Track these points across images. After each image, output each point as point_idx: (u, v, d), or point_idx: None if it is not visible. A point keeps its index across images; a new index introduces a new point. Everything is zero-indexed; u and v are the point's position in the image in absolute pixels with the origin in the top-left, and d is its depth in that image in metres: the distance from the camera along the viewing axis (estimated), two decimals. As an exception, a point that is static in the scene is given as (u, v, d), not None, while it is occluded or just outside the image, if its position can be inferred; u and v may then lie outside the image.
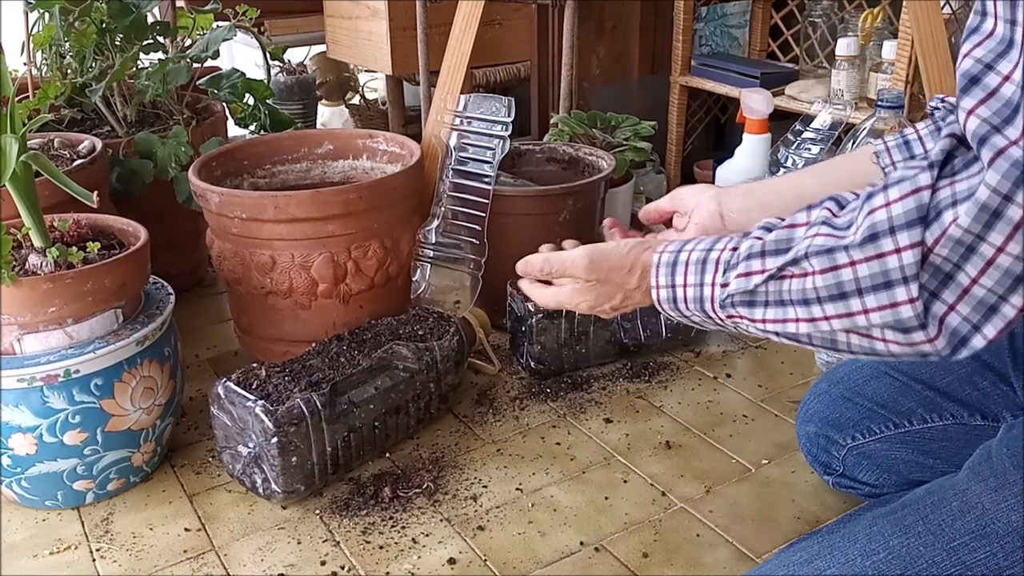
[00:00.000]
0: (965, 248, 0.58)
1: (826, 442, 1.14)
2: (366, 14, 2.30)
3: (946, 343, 0.62)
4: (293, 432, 1.17)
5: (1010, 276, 0.57)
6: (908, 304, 0.61)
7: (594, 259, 0.88)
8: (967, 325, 0.60)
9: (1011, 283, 0.57)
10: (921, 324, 0.61)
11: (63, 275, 1.14)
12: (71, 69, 1.73)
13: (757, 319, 0.72)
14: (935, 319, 0.61)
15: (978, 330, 0.60)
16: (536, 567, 1.11)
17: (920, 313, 0.61)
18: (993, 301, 0.59)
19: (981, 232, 0.57)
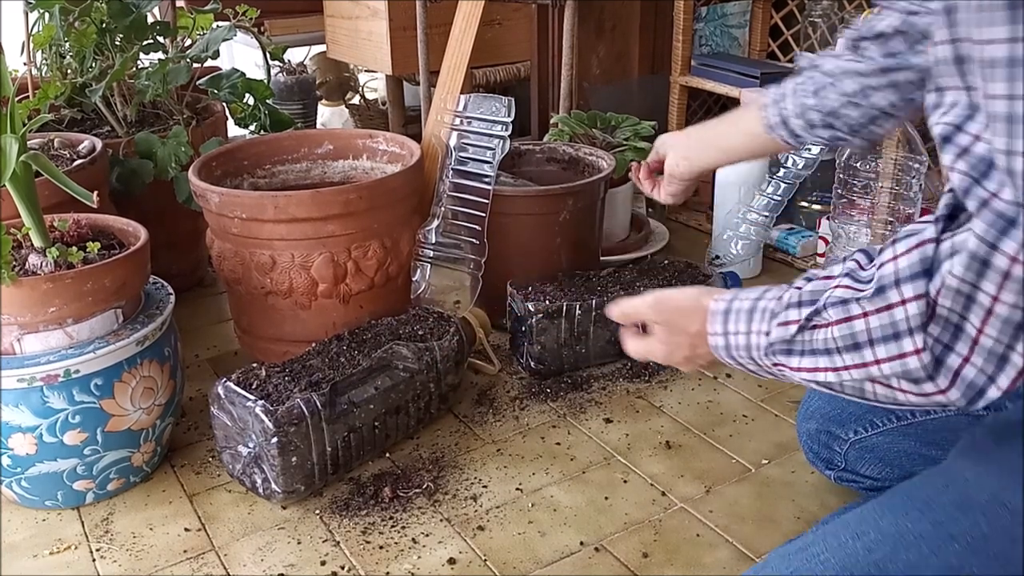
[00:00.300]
0: (964, 298, 0.59)
1: (827, 438, 1.14)
2: (366, 14, 2.30)
3: (961, 394, 0.62)
4: (293, 432, 1.17)
5: (1010, 324, 0.58)
6: (915, 355, 0.63)
7: (660, 299, 0.91)
8: (983, 376, 0.61)
9: (1012, 331, 0.58)
10: (929, 376, 0.63)
11: (63, 275, 1.14)
12: (71, 69, 1.74)
13: (794, 367, 0.75)
14: (949, 371, 0.62)
15: (993, 381, 0.61)
16: (536, 567, 1.11)
17: (928, 364, 0.62)
18: (1001, 351, 0.59)
19: (975, 281, 0.58)
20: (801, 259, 1.90)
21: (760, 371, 0.82)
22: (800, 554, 0.73)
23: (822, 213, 1.86)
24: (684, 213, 2.18)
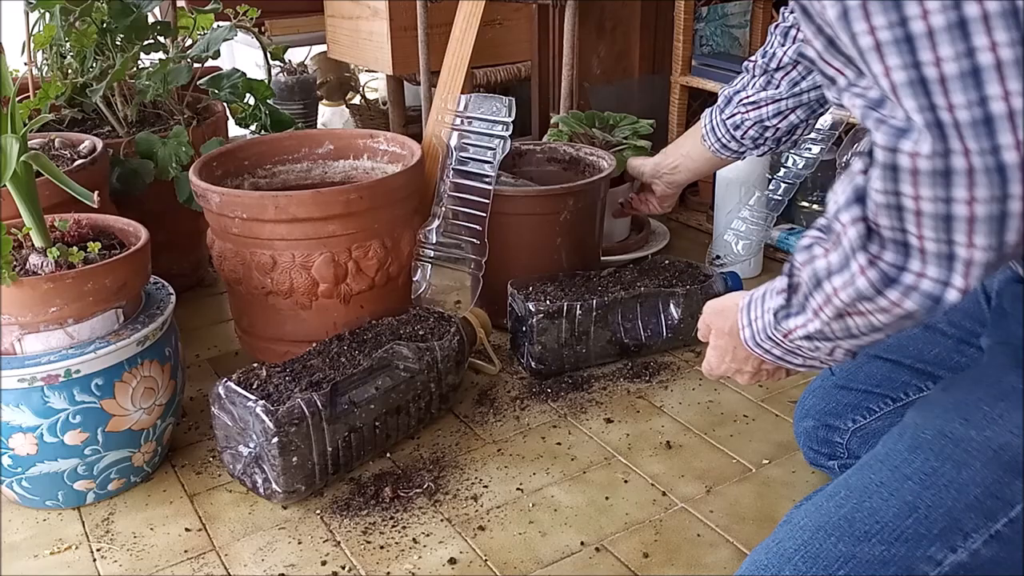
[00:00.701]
0: (895, 210, 0.62)
1: (826, 431, 1.14)
2: (367, 14, 2.30)
3: (918, 305, 0.65)
4: (294, 432, 1.17)
5: (940, 219, 0.60)
6: (861, 274, 0.66)
7: (707, 305, 0.97)
8: (937, 285, 0.64)
9: (945, 225, 0.60)
10: (878, 291, 0.66)
11: (64, 275, 1.14)
12: (72, 69, 1.73)
13: (793, 329, 0.77)
14: (903, 286, 0.65)
15: (947, 285, 0.63)
16: (537, 567, 1.11)
17: (875, 280, 0.66)
18: (946, 250, 0.62)
19: (894, 188, 0.61)
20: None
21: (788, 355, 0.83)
22: (784, 526, 0.77)
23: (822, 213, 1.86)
24: (684, 213, 2.18)
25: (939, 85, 0.57)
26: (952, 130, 0.57)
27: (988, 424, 0.70)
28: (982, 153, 0.57)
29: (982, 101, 0.56)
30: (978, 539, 0.69)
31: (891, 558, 0.70)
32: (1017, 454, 0.68)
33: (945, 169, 0.58)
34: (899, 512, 0.71)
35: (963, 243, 0.61)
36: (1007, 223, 0.59)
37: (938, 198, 0.60)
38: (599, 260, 1.73)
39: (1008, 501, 0.68)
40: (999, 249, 0.60)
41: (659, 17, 2.23)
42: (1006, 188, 0.57)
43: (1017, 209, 0.58)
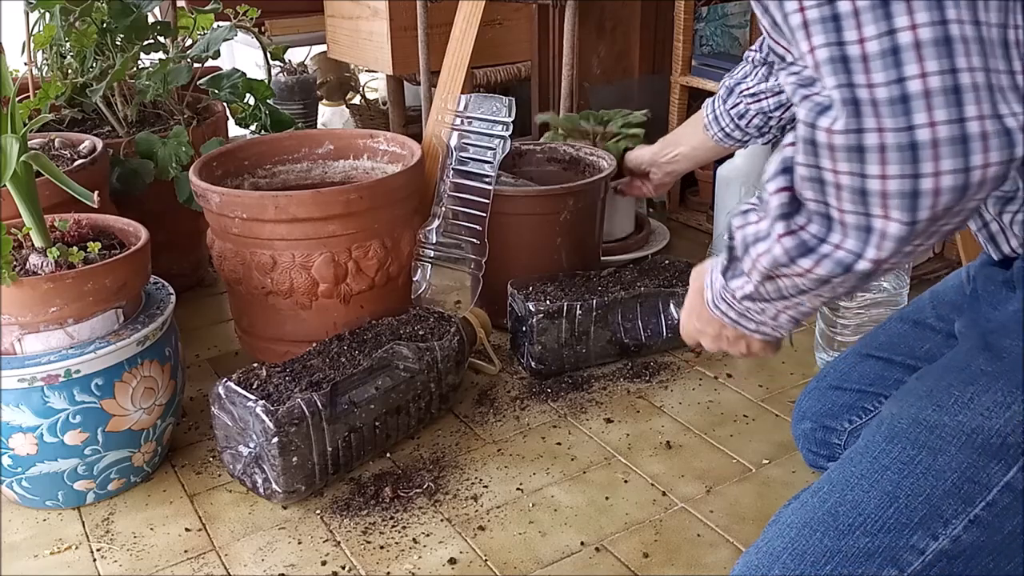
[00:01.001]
0: (816, 182, 0.64)
1: (824, 433, 1.14)
2: (367, 14, 2.30)
3: (828, 271, 0.68)
4: (294, 432, 1.17)
5: (856, 192, 0.62)
6: (777, 241, 0.69)
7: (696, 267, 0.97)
8: (850, 255, 0.65)
9: (861, 198, 0.62)
10: (792, 259, 0.68)
11: (64, 275, 1.14)
12: (72, 69, 1.74)
13: (735, 289, 0.79)
14: (823, 257, 0.67)
15: (860, 256, 0.65)
16: (537, 567, 1.11)
17: (789, 248, 0.68)
18: (864, 223, 0.63)
19: (815, 162, 0.63)
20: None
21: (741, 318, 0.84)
22: (773, 525, 0.78)
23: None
24: (685, 213, 2.18)
25: (861, 63, 0.58)
26: (868, 108, 0.59)
27: (960, 409, 0.71)
28: (897, 131, 0.58)
29: (900, 80, 0.57)
30: (958, 524, 0.70)
31: (875, 549, 0.71)
32: (989, 436, 0.69)
33: (859, 145, 0.60)
34: (880, 503, 0.72)
35: (879, 215, 0.62)
36: (919, 200, 0.60)
37: (854, 172, 0.61)
38: (599, 260, 1.73)
39: (984, 484, 0.69)
40: (912, 225, 0.61)
41: (659, 17, 2.23)
42: (918, 166, 0.59)
43: (929, 186, 0.59)
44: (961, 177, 0.58)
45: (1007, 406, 0.68)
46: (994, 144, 0.58)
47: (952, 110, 0.57)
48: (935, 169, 0.58)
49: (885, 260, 0.65)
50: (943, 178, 0.59)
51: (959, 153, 0.58)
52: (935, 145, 0.58)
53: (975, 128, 0.58)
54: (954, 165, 0.58)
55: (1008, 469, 0.68)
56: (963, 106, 0.57)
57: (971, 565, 0.69)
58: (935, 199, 0.59)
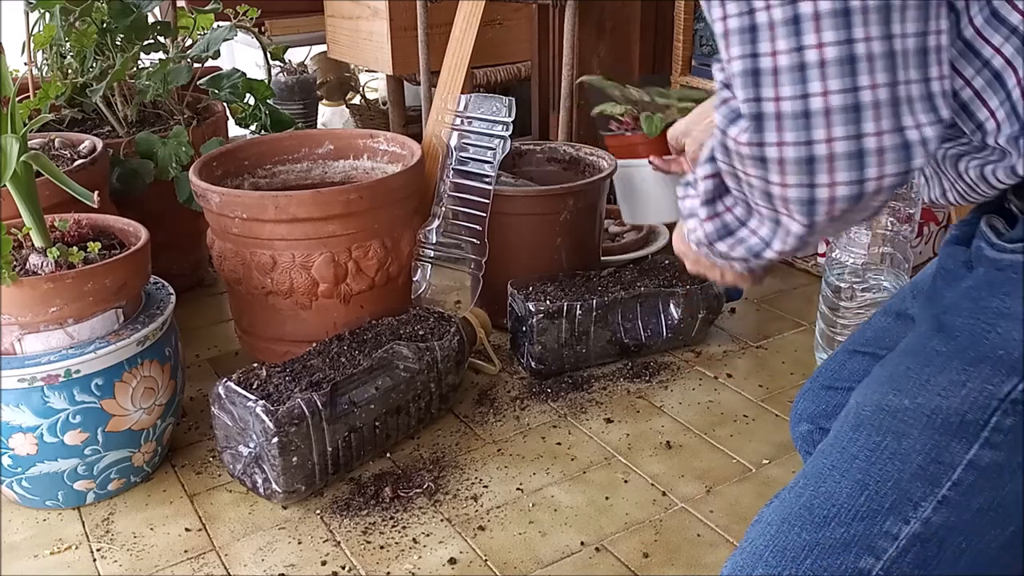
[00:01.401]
0: (732, 176, 0.68)
1: (821, 435, 1.14)
2: (367, 14, 2.30)
3: (741, 256, 0.73)
4: (294, 432, 1.17)
5: (763, 193, 0.66)
6: (701, 225, 0.74)
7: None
8: (761, 243, 0.71)
9: (767, 199, 0.66)
10: (711, 241, 0.74)
11: (64, 275, 1.13)
12: (72, 69, 1.74)
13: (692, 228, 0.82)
14: (736, 239, 0.72)
15: (768, 246, 0.70)
16: (537, 567, 1.11)
17: (711, 232, 0.73)
18: (774, 216, 0.68)
19: (729, 160, 0.67)
20: (801, 259, 1.90)
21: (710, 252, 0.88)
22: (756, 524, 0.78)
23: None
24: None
25: (771, 77, 0.61)
26: (772, 122, 0.62)
27: (919, 391, 0.72)
28: (796, 145, 0.62)
29: (804, 96, 0.60)
30: (927, 507, 0.70)
31: (851, 539, 0.71)
32: (948, 416, 0.69)
33: (762, 156, 0.63)
34: (851, 491, 0.72)
35: (784, 214, 0.66)
36: (816, 207, 0.64)
37: (760, 177, 0.65)
38: (599, 260, 1.73)
39: (949, 464, 0.69)
40: (811, 226, 0.66)
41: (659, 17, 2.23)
42: (814, 178, 0.62)
43: (824, 195, 0.63)
44: (855, 188, 0.62)
45: (962, 384, 0.69)
46: (890, 158, 0.61)
47: (850, 127, 0.61)
48: (830, 180, 0.62)
49: (788, 252, 0.70)
50: (838, 188, 0.63)
51: (854, 167, 0.62)
52: (831, 159, 0.61)
53: (872, 144, 0.61)
54: (849, 177, 0.62)
55: (969, 447, 0.69)
56: (861, 123, 0.61)
57: (944, 546, 0.70)
58: (831, 206, 0.64)
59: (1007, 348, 0.67)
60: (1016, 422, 0.66)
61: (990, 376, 0.67)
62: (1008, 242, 0.70)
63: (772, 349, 1.60)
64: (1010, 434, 0.67)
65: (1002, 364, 0.67)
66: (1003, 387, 0.66)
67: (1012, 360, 0.66)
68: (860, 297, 1.46)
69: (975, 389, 0.68)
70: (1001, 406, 0.67)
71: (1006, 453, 0.67)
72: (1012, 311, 0.67)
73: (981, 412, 0.67)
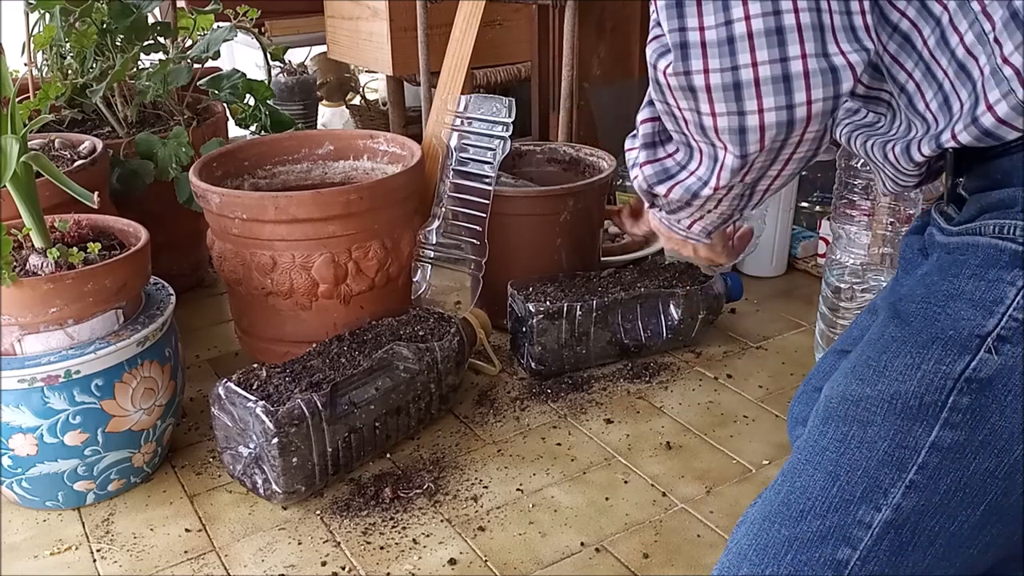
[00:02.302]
0: (669, 116, 0.70)
1: None
2: (367, 15, 2.30)
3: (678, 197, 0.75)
4: (294, 433, 1.17)
5: (697, 126, 0.67)
6: (640, 170, 0.76)
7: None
8: (699, 182, 0.73)
9: (701, 132, 0.67)
10: (650, 185, 0.76)
11: (64, 276, 1.14)
12: (72, 70, 1.74)
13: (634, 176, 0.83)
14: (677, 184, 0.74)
15: (706, 184, 0.72)
16: (537, 567, 1.11)
17: (649, 176, 0.76)
18: (711, 152, 0.69)
19: (663, 98, 0.68)
20: (802, 259, 1.90)
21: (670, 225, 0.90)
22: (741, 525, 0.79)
23: (822, 214, 1.86)
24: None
25: (694, 6, 0.62)
26: (696, 50, 0.62)
27: (878, 378, 0.72)
28: (721, 71, 0.62)
29: (727, 23, 0.61)
30: (896, 492, 0.70)
31: (827, 531, 0.71)
32: (908, 400, 0.69)
33: (689, 85, 0.64)
34: (824, 483, 0.73)
35: (720, 146, 0.67)
36: (746, 135, 0.64)
37: (691, 109, 0.65)
38: (599, 261, 1.73)
39: (913, 448, 0.69)
40: (744, 157, 0.66)
41: (659, 18, 2.22)
42: (742, 104, 0.62)
43: (754, 123, 0.63)
44: (784, 113, 0.62)
45: (917, 367, 0.69)
46: (817, 82, 0.61)
47: (774, 50, 0.61)
48: (758, 107, 0.62)
49: (724, 188, 0.71)
50: (767, 115, 0.62)
51: (781, 91, 0.62)
52: (757, 84, 0.61)
53: (797, 67, 0.61)
54: (776, 103, 0.62)
55: (931, 429, 0.69)
56: (786, 46, 0.60)
57: (918, 531, 0.70)
58: (761, 134, 0.64)
59: (957, 328, 0.67)
60: (973, 400, 0.67)
61: (942, 356, 0.67)
62: (956, 226, 0.71)
63: (772, 349, 1.60)
64: (968, 413, 0.67)
65: (953, 343, 0.67)
66: (956, 366, 0.67)
67: (962, 339, 0.67)
68: (860, 298, 1.46)
69: (930, 371, 0.68)
70: (956, 385, 0.67)
71: (967, 432, 0.67)
72: (960, 291, 0.68)
73: (938, 393, 0.68)
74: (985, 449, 0.67)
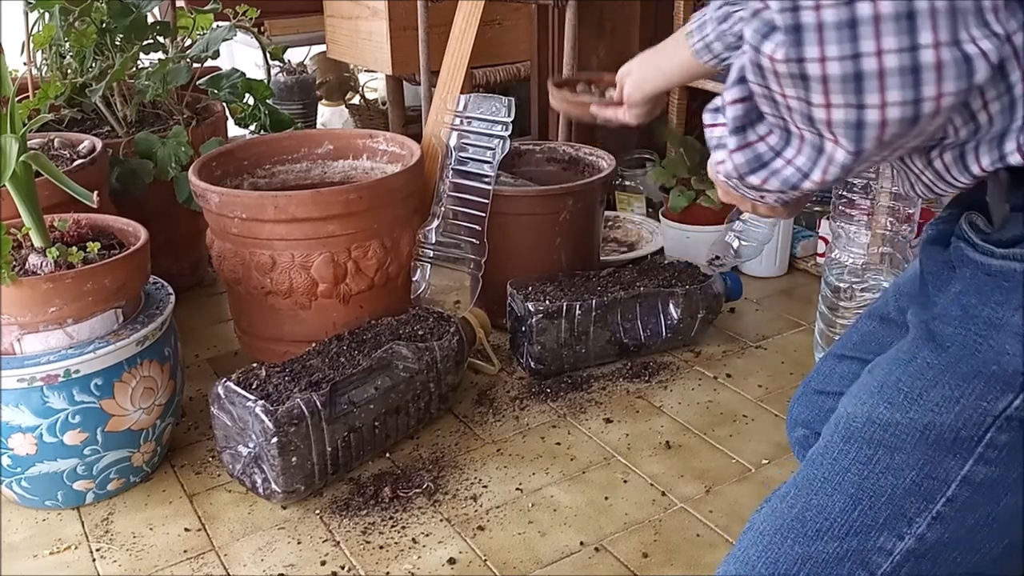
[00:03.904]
0: (768, 99, 0.62)
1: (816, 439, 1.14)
2: (366, 14, 2.30)
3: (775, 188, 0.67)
4: (293, 432, 1.17)
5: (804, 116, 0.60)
6: (730, 157, 0.68)
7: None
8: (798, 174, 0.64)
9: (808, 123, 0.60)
10: (742, 175, 0.68)
11: (63, 275, 1.13)
12: (71, 69, 1.74)
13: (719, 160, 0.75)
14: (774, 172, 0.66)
15: (807, 176, 0.64)
16: (536, 567, 1.11)
17: (740, 164, 0.67)
18: (817, 142, 0.61)
19: (763, 83, 0.61)
20: (801, 259, 1.90)
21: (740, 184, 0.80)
22: (748, 532, 0.77)
23: (822, 213, 1.86)
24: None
25: None
26: (812, 34, 0.54)
27: (910, 405, 0.70)
28: (841, 59, 0.55)
29: (849, 2, 0.53)
30: (921, 523, 0.69)
31: (845, 554, 0.70)
32: (942, 432, 0.68)
33: (801, 74, 0.56)
34: (845, 506, 0.71)
35: (829, 139, 0.60)
36: (865, 131, 0.57)
37: (800, 98, 0.58)
38: (598, 260, 1.73)
39: (943, 480, 0.68)
40: (858, 154, 0.59)
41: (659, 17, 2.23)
42: (863, 97, 0.56)
43: (875, 118, 0.56)
44: (910, 108, 0.55)
45: (956, 400, 0.67)
46: (949, 74, 0.54)
47: (903, 37, 0.53)
48: (881, 100, 0.55)
49: (828, 183, 0.63)
50: (890, 109, 0.56)
51: (909, 84, 0.54)
52: (882, 75, 0.54)
53: (928, 57, 0.54)
54: (903, 96, 0.55)
55: (964, 463, 0.67)
56: (916, 33, 0.53)
57: (939, 562, 0.69)
58: (881, 130, 0.57)
59: (1001, 363, 0.64)
60: (1011, 438, 0.65)
61: (984, 392, 0.65)
62: (997, 245, 0.66)
63: (772, 349, 1.60)
64: (1005, 450, 0.65)
65: (996, 380, 0.65)
66: (998, 404, 0.65)
67: (1007, 375, 0.64)
68: (860, 297, 1.46)
69: (969, 406, 0.66)
70: (996, 422, 0.65)
71: (1001, 469, 0.66)
72: (1004, 322, 0.65)
73: (976, 428, 0.66)
74: (1018, 486, 0.66)
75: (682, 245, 1.87)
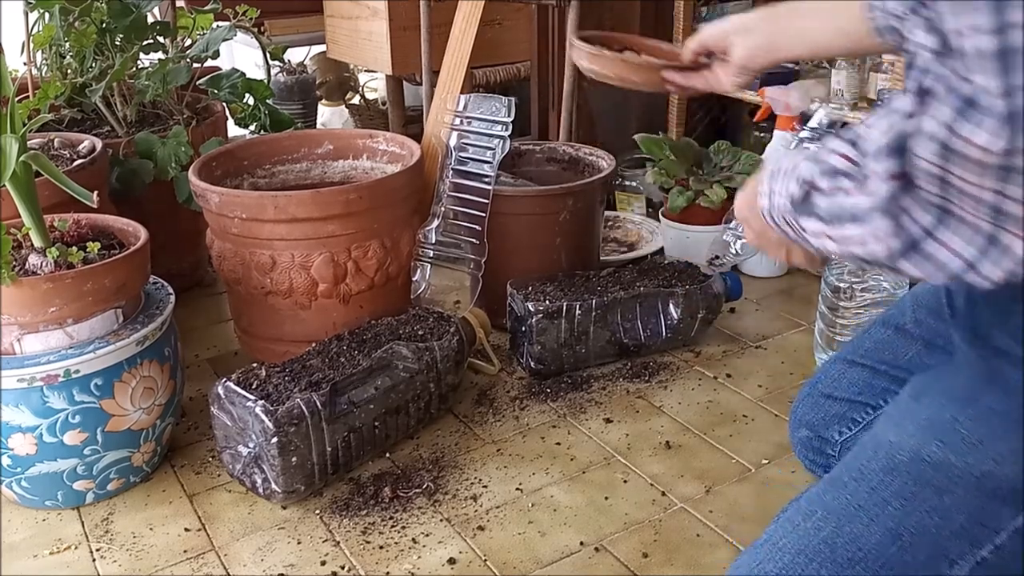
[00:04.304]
0: (937, 180, 0.55)
1: (819, 443, 1.14)
2: (366, 14, 2.30)
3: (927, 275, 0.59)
4: (293, 432, 1.17)
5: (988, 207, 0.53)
6: (879, 241, 0.59)
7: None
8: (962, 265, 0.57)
9: (993, 214, 0.54)
10: (892, 259, 0.59)
11: (63, 275, 1.13)
12: (71, 69, 1.74)
13: (804, 227, 0.68)
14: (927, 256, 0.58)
15: (972, 267, 0.56)
16: (536, 567, 1.11)
17: (894, 248, 0.58)
18: (988, 229, 0.55)
19: (942, 164, 0.54)
20: (801, 259, 1.90)
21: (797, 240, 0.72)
22: (764, 545, 0.75)
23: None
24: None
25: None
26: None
27: (968, 450, 0.67)
28: None
29: None
30: (965, 566, 0.67)
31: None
32: (1000, 483, 0.66)
33: (1008, 166, 0.49)
34: (882, 539, 0.69)
35: (1012, 233, 0.52)
36: None
37: (993, 190, 0.51)
38: (598, 260, 1.73)
39: (993, 528, 0.66)
40: None
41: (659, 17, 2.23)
42: None
43: None
44: None
45: (1021, 454, 0.64)
46: None
47: None
48: None
49: (1000, 279, 0.54)
50: None
51: None
52: None
53: None
54: None
55: (1019, 514, 0.65)
56: None
57: None
58: None
59: None
60: None
61: None
62: None
63: (771, 349, 1.60)
64: None
65: None
66: None
67: None
68: (860, 297, 1.46)
69: None
70: None
71: None
72: None
73: None
74: None
75: (682, 245, 1.87)
